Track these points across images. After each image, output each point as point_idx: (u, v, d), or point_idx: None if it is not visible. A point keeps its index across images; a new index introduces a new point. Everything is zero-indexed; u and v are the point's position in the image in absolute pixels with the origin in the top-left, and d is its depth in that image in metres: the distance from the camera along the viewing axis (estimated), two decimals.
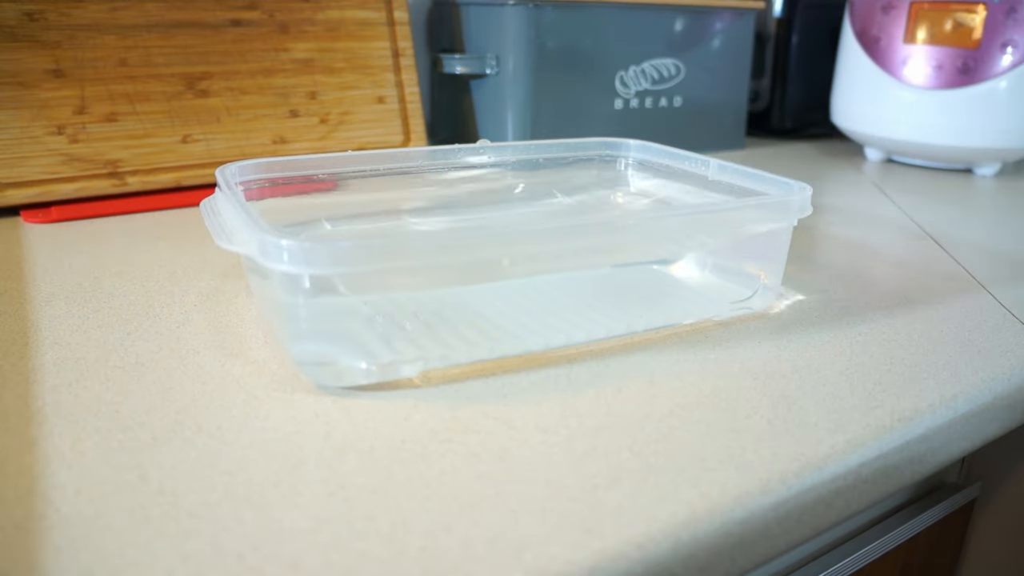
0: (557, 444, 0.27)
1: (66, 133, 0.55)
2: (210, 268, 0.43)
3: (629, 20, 0.74)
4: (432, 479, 0.25)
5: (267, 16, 0.62)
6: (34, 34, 0.54)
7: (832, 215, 0.61)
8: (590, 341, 0.35)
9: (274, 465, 0.25)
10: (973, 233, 0.57)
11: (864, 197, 0.68)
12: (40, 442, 0.27)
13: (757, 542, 0.25)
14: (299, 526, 0.23)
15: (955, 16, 0.70)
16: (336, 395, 0.30)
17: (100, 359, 0.33)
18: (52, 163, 0.54)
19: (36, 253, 0.46)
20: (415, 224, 0.46)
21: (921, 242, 0.54)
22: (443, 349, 0.32)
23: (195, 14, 0.60)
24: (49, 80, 0.54)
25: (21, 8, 0.53)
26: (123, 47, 0.57)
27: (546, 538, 0.22)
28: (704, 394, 0.31)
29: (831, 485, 0.27)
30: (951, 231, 0.57)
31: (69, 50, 0.55)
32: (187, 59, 0.59)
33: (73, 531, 0.22)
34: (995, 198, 0.69)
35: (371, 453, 0.26)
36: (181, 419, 0.28)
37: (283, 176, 0.40)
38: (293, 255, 0.27)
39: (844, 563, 0.38)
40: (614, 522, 0.23)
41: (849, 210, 0.63)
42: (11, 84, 0.53)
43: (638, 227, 0.32)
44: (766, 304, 0.40)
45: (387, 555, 0.21)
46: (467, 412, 0.29)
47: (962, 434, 0.32)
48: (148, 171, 0.57)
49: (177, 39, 0.59)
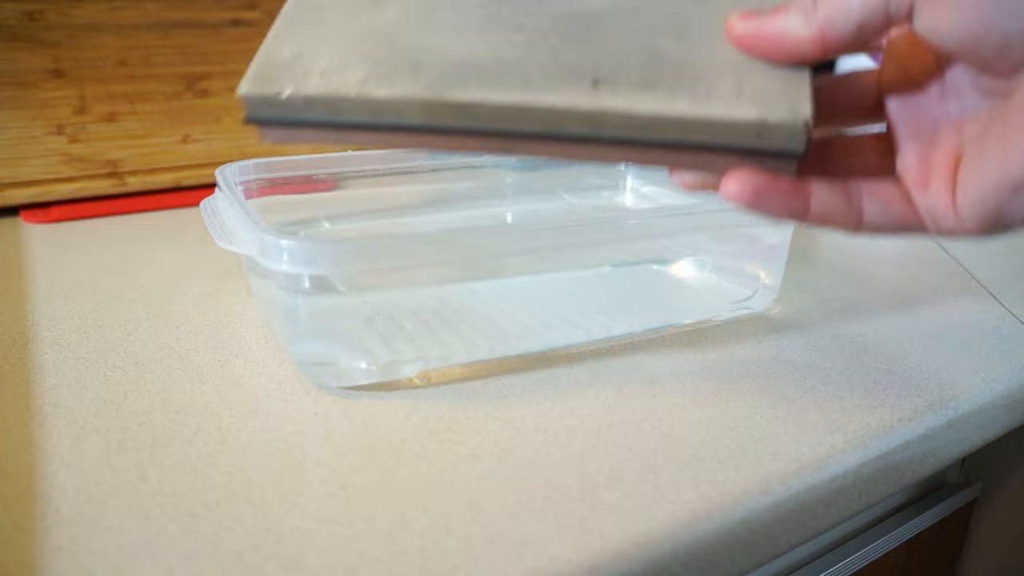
0: (557, 444, 0.27)
1: (66, 133, 0.55)
2: (210, 268, 0.43)
3: None
4: (432, 479, 0.25)
5: (267, 16, 0.62)
6: (34, 34, 0.54)
7: None
8: (590, 341, 0.35)
9: (274, 465, 0.25)
10: None
11: None
12: (40, 442, 0.27)
13: (757, 542, 0.25)
14: (299, 526, 0.23)
15: None
16: (336, 395, 0.30)
17: (100, 359, 0.33)
18: (52, 163, 0.54)
19: (36, 253, 0.46)
20: (415, 224, 0.46)
21: (921, 242, 0.54)
22: (443, 349, 0.32)
23: (195, 14, 0.59)
24: (49, 80, 0.54)
25: (21, 8, 0.53)
26: (123, 47, 0.57)
27: (546, 538, 0.22)
28: (704, 394, 0.31)
29: (831, 485, 0.27)
30: None
31: (69, 50, 0.55)
32: (187, 59, 0.59)
33: (73, 531, 0.22)
34: None
35: (371, 453, 0.26)
36: (181, 419, 0.28)
37: (283, 176, 0.40)
38: (293, 255, 0.27)
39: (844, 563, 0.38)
40: (614, 522, 0.23)
41: None
42: (11, 84, 0.53)
43: (640, 227, 0.32)
44: (766, 304, 0.40)
45: (387, 555, 0.21)
46: (467, 412, 0.29)
47: (962, 434, 0.32)
48: (148, 171, 0.57)
49: (177, 39, 0.59)
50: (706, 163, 0.23)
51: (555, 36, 0.24)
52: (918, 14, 0.21)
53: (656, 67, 0.23)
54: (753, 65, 0.23)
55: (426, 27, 0.25)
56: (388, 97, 0.23)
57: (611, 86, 0.23)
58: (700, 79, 0.23)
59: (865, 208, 0.24)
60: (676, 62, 0.23)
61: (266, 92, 0.24)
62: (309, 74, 0.24)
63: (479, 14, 0.25)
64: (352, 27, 0.25)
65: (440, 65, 0.23)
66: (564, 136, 0.23)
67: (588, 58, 0.23)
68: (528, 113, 0.23)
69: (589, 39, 0.24)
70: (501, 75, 0.23)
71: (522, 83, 0.23)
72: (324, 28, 0.25)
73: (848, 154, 0.26)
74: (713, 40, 0.23)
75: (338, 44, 0.25)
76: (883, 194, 0.24)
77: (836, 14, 0.21)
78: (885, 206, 0.24)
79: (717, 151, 0.22)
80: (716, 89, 0.22)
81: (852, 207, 0.24)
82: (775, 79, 0.22)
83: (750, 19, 0.23)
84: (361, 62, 0.24)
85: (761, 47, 0.23)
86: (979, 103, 0.23)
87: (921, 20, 0.21)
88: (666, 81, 0.23)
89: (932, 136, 0.24)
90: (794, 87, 0.22)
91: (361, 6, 0.26)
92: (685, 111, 0.22)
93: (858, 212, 0.24)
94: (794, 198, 0.23)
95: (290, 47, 0.25)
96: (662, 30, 0.24)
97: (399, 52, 0.24)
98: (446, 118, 0.23)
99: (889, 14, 0.21)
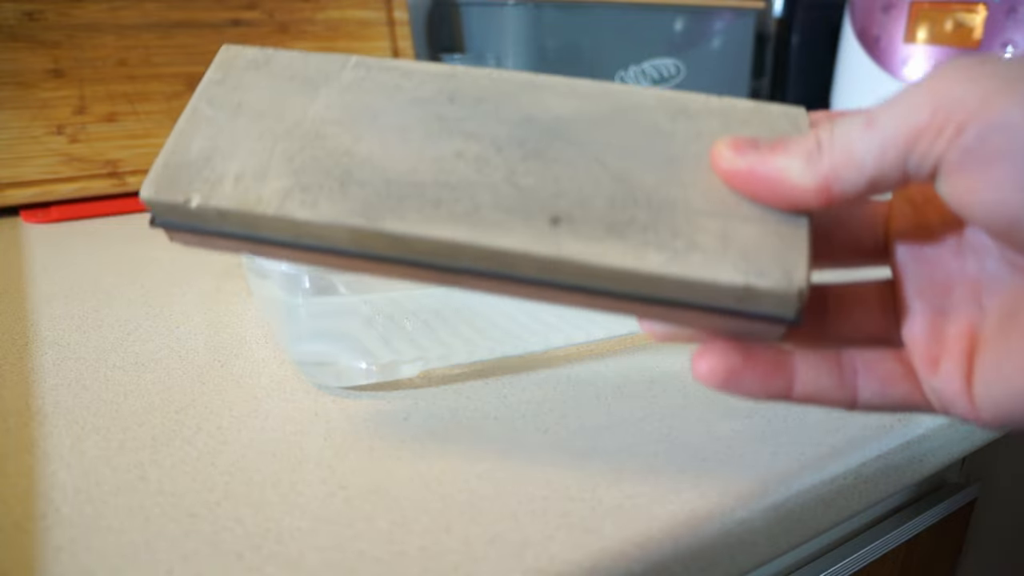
0: (557, 444, 0.27)
1: (66, 133, 0.55)
2: (210, 268, 0.43)
3: (629, 20, 0.74)
4: (432, 479, 0.25)
5: (267, 16, 0.62)
6: (34, 34, 0.54)
7: None
8: (590, 341, 0.35)
9: (274, 465, 0.25)
10: None
11: None
12: (40, 442, 0.27)
13: (757, 542, 0.25)
14: (299, 526, 0.22)
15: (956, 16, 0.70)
16: (336, 395, 0.30)
17: (100, 359, 0.33)
18: (52, 163, 0.54)
19: (36, 253, 0.46)
20: None
21: None
22: (443, 349, 0.32)
23: (195, 14, 0.60)
24: (49, 80, 0.54)
25: (21, 8, 0.53)
26: (123, 47, 0.57)
27: (546, 538, 0.22)
28: (704, 394, 0.31)
29: (831, 485, 0.27)
30: None
31: (69, 50, 0.55)
32: (187, 59, 0.59)
33: (73, 531, 0.22)
34: None
35: (371, 453, 0.26)
36: (181, 419, 0.28)
37: None
38: None
39: (844, 563, 0.38)
40: (614, 522, 0.23)
41: None
42: (11, 84, 0.53)
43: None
44: None
45: (387, 555, 0.21)
46: (467, 412, 0.29)
47: (962, 434, 0.32)
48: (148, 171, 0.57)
49: (177, 39, 0.59)
50: (678, 318, 0.20)
51: (512, 149, 0.21)
52: (943, 180, 0.17)
53: (627, 203, 0.20)
54: (743, 206, 0.19)
55: (362, 124, 0.21)
56: (312, 220, 0.20)
57: (572, 226, 0.19)
58: (678, 225, 0.19)
59: (860, 386, 0.20)
60: (651, 198, 0.20)
61: (172, 200, 0.21)
62: (222, 179, 0.21)
63: (426, 112, 0.22)
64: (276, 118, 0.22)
65: (375, 181, 0.20)
66: (514, 278, 0.20)
67: (548, 183, 0.20)
68: (473, 252, 0.20)
69: (551, 157, 0.21)
70: (445, 201, 0.20)
71: (469, 213, 0.20)
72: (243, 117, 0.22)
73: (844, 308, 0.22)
74: (698, 168, 0.20)
75: (257, 140, 0.21)
76: (882, 369, 0.20)
77: (844, 165, 0.18)
78: (884, 384, 0.20)
79: (691, 308, 0.19)
80: (696, 241, 0.19)
81: (845, 385, 0.20)
82: (768, 229, 0.19)
83: (742, 153, 0.19)
84: (283, 168, 0.21)
85: (753, 188, 0.19)
86: (1003, 270, 0.19)
87: (946, 187, 0.17)
88: (638, 224, 0.19)
89: (945, 298, 0.20)
90: (790, 243, 0.19)
91: (290, 91, 0.22)
92: (657, 268, 0.19)
93: (852, 391, 0.20)
94: (774, 377, 0.20)
95: (201, 139, 0.22)
96: (638, 151, 0.21)
97: (328, 158, 0.21)
98: (378, 248, 0.20)
99: (907, 172, 0.17)
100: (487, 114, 0.21)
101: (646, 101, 0.21)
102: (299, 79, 0.23)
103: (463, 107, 0.22)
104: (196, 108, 0.22)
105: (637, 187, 0.20)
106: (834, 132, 0.18)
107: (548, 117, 0.21)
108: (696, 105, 0.21)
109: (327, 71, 0.23)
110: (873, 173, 0.17)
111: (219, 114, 0.22)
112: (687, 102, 0.21)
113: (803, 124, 0.21)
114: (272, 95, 0.22)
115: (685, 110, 0.21)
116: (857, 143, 0.17)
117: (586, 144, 0.21)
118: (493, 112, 0.21)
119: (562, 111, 0.21)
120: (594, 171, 0.20)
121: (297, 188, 0.20)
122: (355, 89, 0.22)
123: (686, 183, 0.20)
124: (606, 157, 0.20)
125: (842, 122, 0.18)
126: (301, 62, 0.23)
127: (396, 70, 0.23)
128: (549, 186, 0.20)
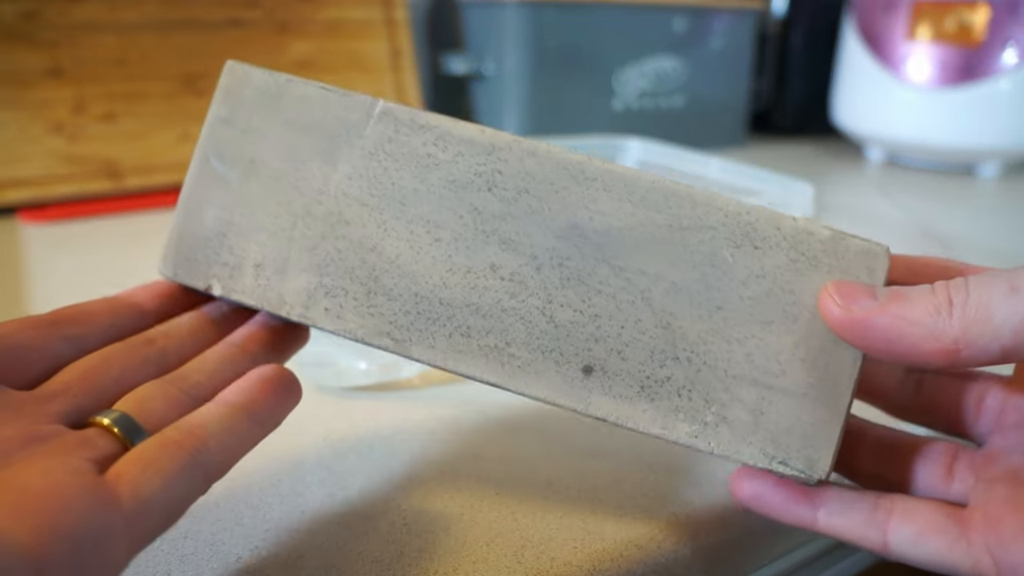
0: (557, 444, 0.27)
1: (64, 133, 0.55)
2: None
3: (629, 20, 0.74)
4: (431, 479, 0.25)
5: (267, 15, 0.62)
6: (32, 33, 0.54)
7: (833, 215, 0.61)
8: None
9: (274, 465, 0.25)
10: (974, 233, 0.57)
11: (865, 197, 0.67)
12: None
13: (758, 543, 0.25)
14: (299, 526, 0.22)
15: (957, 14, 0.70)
16: (336, 395, 0.30)
17: None
18: (50, 163, 0.54)
19: (34, 253, 0.46)
20: None
21: (918, 243, 0.54)
22: None
23: (194, 13, 0.59)
24: (47, 79, 0.54)
25: (19, 7, 0.53)
26: (121, 46, 0.57)
27: (546, 538, 0.22)
28: None
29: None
30: (952, 231, 0.57)
31: (67, 49, 0.55)
32: (186, 58, 0.59)
33: None
34: (997, 199, 0.69)
35: (370, 453, 0.26)
36: None
37: None
38: None
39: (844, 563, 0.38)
40: (614, 522, 0.23)
41: (850, 210, 0.63)
42: (9, 84, 0.53)
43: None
44: None
45: (387, 555, 0.21)
46: (467, 412, 0.29)
47: None
48: (146, 170, 0.57)
49: (176, 38, 0.59)
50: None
51: (551, 270, 0.19)
52: None
53: (666, 359, 0.19)
54: (786, 376, 0.18)
55: (390, 211, 0.20)
56: (337, 331, 0.20)
57: (605, 379, 0.19)
58: (713, 391, 0.19)
59: (892, 531, 0.19)
60: (692, 354, 0.19)
61: (193, 285, 0.21)
62: (242, 266, 0.20)
63: (460, 201, 0.20)
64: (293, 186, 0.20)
65: (403, 295, 0.20)
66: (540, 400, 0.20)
67: (587, 322, 0.19)
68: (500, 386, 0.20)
69: (594, 286, 0.19)
70: (475, 330, 0.19)
71: (500, 349, 0.19)
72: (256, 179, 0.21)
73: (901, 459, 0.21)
74: (749, 321, 0.19)
75: (275, 216, 0.20)
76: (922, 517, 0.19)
77: (980, 331, 0.16)
78: (920, 535, 0.18)
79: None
80: (727, 415, 0.19)
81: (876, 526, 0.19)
82: (804, 408, 0.18)
83: (854, 299, 0.17)
84: (304, 259, 0.20)
85: (867, 340, 0.17)
86: None
87: None
88: (672, 385, 0.19)
89: None
90: (821, 431, 0.18)
91: (307, 149, 0.20)
92: (683, 439, 0.19)
93: (882, 534, 0.19)
94: (798, 505, 0.19)
95: (215, 208, 0.20)
96: (690, 290, 0.19)
97: (353, 254, 0.20)
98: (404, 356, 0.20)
99: None
100: (528, 215, 0.19)
101: (710, 219, 0.19)
102: (317, 132, 0.21)
103: (502, 201, 0.20)
104: (205, 160, 0.21)
105: (680, 337, 0.19)
106: (970, 292, 0.16)
107: (596, 228, 0.19)
108: (767, 229, 0.19)
109: (348, 122, 0.20)
110: (1009, 343, 0.16)
111: (231, 172, 0.21)
112: (757, 224, 0.19)
113: (881, 267, 0.19)
114: (288, 151, 0.21)
115: (752, 236, 0.19)
116: (997, 308, 0.16)
117: (634, 275, 0.19)
118: (535, 213, 0.19)
119: (613, 222, 0.19)
120: (638, 311, 0.19)
121: (321, 290, 0.20)
122: (381, 156, 0.20)
123: (732, 339, 0.19)
124: (653, 294, 0.19)
125: (979, 282, 0.17)
126: (319, 103, 0.21)
127: (428, 131, 0.20)
128: (588, 326, 0.19)
